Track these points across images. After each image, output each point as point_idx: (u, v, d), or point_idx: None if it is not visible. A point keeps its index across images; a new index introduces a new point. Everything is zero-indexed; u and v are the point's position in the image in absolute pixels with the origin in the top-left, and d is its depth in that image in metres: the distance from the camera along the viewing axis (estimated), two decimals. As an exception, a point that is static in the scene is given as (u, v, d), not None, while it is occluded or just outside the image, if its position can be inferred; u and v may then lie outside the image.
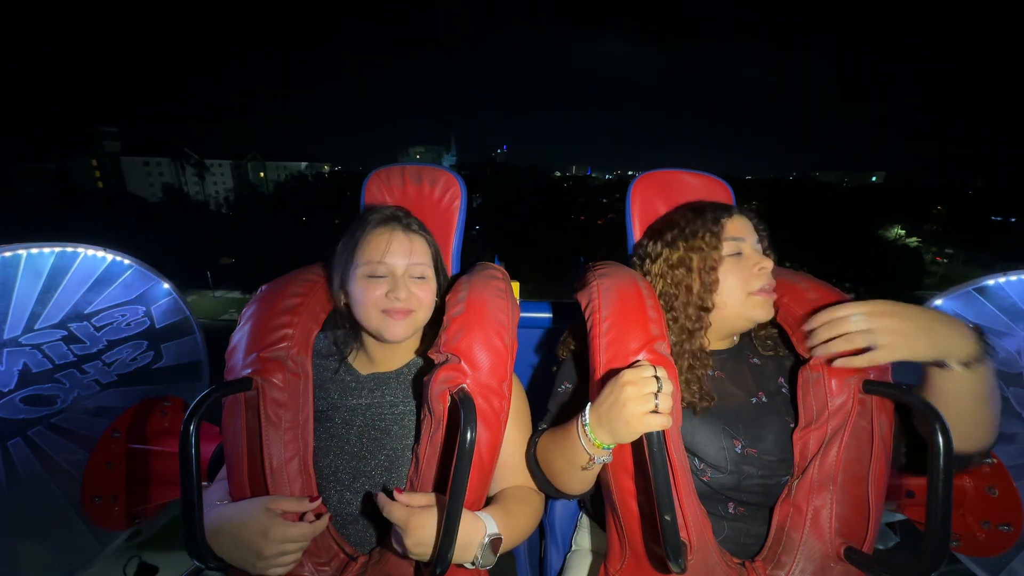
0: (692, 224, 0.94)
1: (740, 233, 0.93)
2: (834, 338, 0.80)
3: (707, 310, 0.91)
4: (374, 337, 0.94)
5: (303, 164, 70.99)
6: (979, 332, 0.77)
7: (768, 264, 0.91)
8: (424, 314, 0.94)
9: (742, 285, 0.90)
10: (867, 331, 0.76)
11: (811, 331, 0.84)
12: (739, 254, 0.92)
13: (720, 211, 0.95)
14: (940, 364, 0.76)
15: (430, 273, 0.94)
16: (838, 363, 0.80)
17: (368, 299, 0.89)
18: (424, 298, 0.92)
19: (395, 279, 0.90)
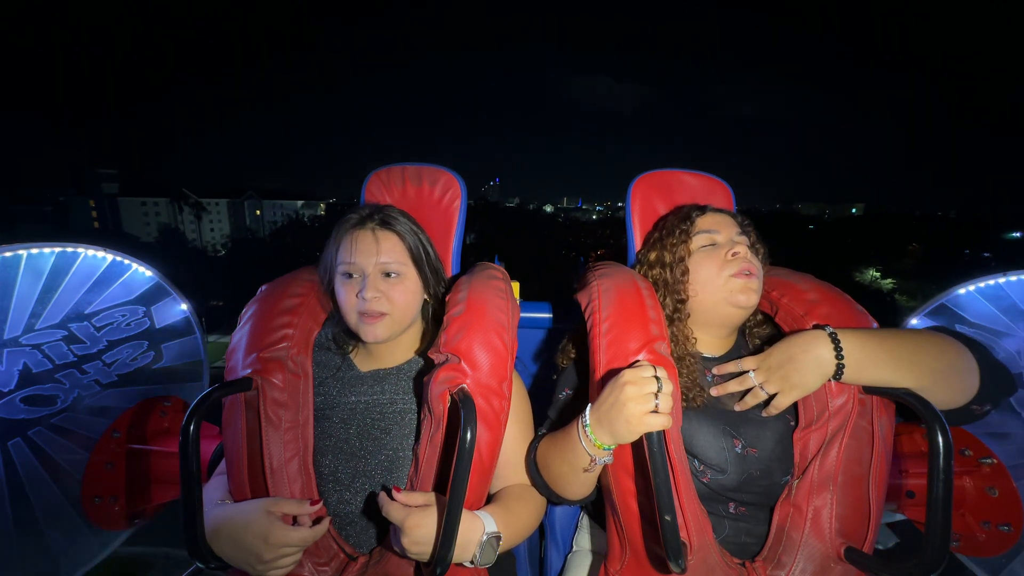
0: (668, 225, 1.00)
1: (713, 226, 0.95)
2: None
3: (683, 301, 0.94)
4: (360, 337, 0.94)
5: (299, 203, 71.45)
6: (832, 337, 0.80)
7: (741, 249, 0.91)
8: (402, 315, 0.92)
9: (717, 271, 0.91)
10: (764, 382, 0.85)
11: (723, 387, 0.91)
12: (712, 244, 0.94)
13: (694, 210, 0.99)
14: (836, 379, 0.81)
15: (405, 270, 0.92)
16: (763, 412, 0.89)
17: (346, 301, 0.90)
18: (397, 298, 0.90)
19: (364, 279, 0.89)
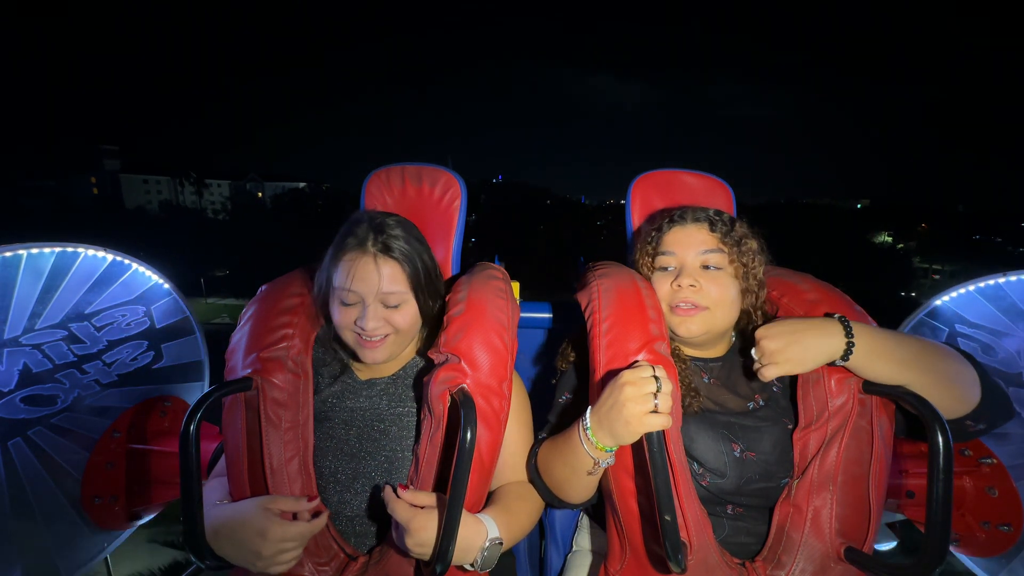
0: (641, 239, 1.00)
1: (673, 247, 0.93)
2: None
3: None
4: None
5: (301, 184, 70.64)
6: (843, 322, 0.80)
7: (685, 281, 0.88)
8: (404, 336, 0.90)
9: (663, 300, 0.92)
10: (760, 349, 0.82)
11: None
12: (665, 268, 0.94)
13: (664, 223, 0.96)
14: (833, 364, 0.81)
15: (406, 298, 0.89)
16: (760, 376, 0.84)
17: (343, 324, 0.88)
18: (399, 322, 0.88)
19: (364, 306, 0.86)
